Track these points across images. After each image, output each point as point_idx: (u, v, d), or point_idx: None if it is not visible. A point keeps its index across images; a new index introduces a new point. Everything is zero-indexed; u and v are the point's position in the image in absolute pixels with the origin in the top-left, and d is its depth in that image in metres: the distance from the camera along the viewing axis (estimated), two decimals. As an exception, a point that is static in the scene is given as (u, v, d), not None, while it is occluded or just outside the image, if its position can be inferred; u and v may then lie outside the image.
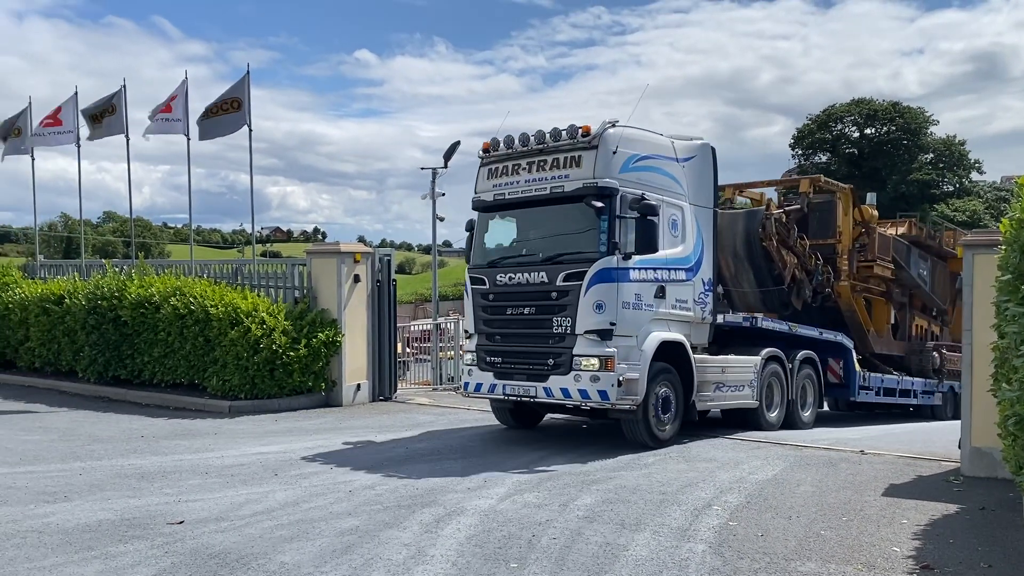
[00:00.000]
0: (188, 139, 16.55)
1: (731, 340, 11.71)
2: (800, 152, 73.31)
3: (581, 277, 9.39)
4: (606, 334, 9.36)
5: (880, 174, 67.61)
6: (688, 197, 10.58)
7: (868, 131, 71.54)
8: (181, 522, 6.71)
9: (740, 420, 11.56)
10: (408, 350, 20.17)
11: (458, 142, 32.72)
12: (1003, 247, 6.93)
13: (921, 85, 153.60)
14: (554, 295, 9.62)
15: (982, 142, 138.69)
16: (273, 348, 12.96)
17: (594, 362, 9.32)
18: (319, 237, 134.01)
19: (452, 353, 19.65)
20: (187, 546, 6.06)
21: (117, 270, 15.71)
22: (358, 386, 14.25)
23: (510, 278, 10.03)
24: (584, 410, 10.26)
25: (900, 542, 6.15)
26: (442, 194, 33.20)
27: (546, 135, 9.84)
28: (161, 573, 5.50)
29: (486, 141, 10.48)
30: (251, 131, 15.83)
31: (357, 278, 14.20)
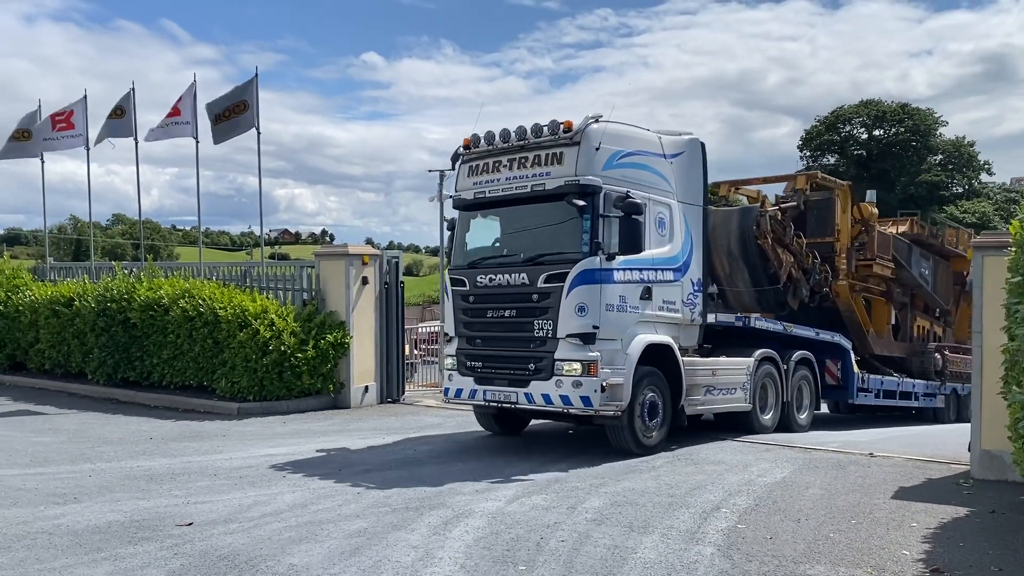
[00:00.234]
0: (197, 142, 16.60)
1: (724, 341, 11.44)
2: (808, 154, 73.13)
3: (563, 278, 9.11)
4: (589, 338, 9.05)
5: (889, 176, 67.40)
6: (676, 195, 10.29)
7: (877, 133, 71.29)
8: (190, 524, 6.74)
9: (733, 423, 11.30)
10: (416, 352, 20.17)
11: None
12: (1013, 249, 6.91)
13: (930, 86, 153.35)
14: (535, 297, 9.34)
15: (991, 143, 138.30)
16: (282, 350, 12.99)
17: (576, 367, 9.03)
18: (327, 239, 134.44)
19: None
20: (196, 548, 6.08)
21: (126, 272, 15.77)
22: (366, 388, 14.27)
23: (491, 279, 9.75)
24: (568, 416, 9.94)
25: (910, 545, 6.12)
26: (449, 196, 33.24)
27: (527, 131, 9.55)
28: (170, 575, 5.52)
29: (466, 137, 10.16)
30: (259, 134, 15.87)
31: (365, 280, 14.22)
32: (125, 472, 8.91)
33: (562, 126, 9.30)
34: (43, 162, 19.71)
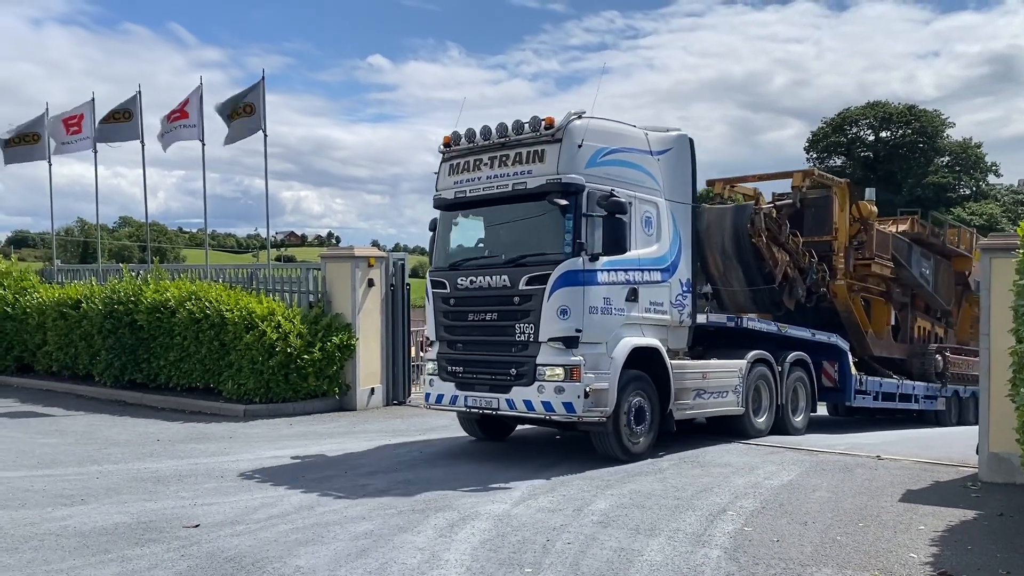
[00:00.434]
0: (203, 145, 16.67)
1: (716, 342, 11.18)
2: (815, 156, 73.02)
3: (544, 280, 8.82)
4: (571, 341, 8.78)
5: (896, 177, 67.28)
6: (664, 192, 10.03)
7: (883, 134, 71.17)
8: (197, 525, 6.75)
9: (725, 427, 11.00)
10: (422, 354, 20.10)
11: None
12: (1021, 251, 6.90)
13: (937, 88, 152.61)
14: (517, 300, 9.05)
15: (999, 145, 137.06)
16: (288, 352, 13.01)
17: (559, 372, 8.75)
18: (333, 241, 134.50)
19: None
20: (203, 549, 6.10)
21: (133, 275, 15.83)
22: (372, 390, 14.28)
23: (471, 281, 9.47)
24: (551, 423, 9.67)
25: (917, 548, 6.10)
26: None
27: (508, 128, 9.28)
28: (177, 576, 5.53)
29: (447, 135, 9.89)
30: (266, 136, 15.95)
31: (371, 282, 14.24)
32: (132, 474, 8.93)
33: (543, 123, 9.03)
34: (51, 165, 19.83)
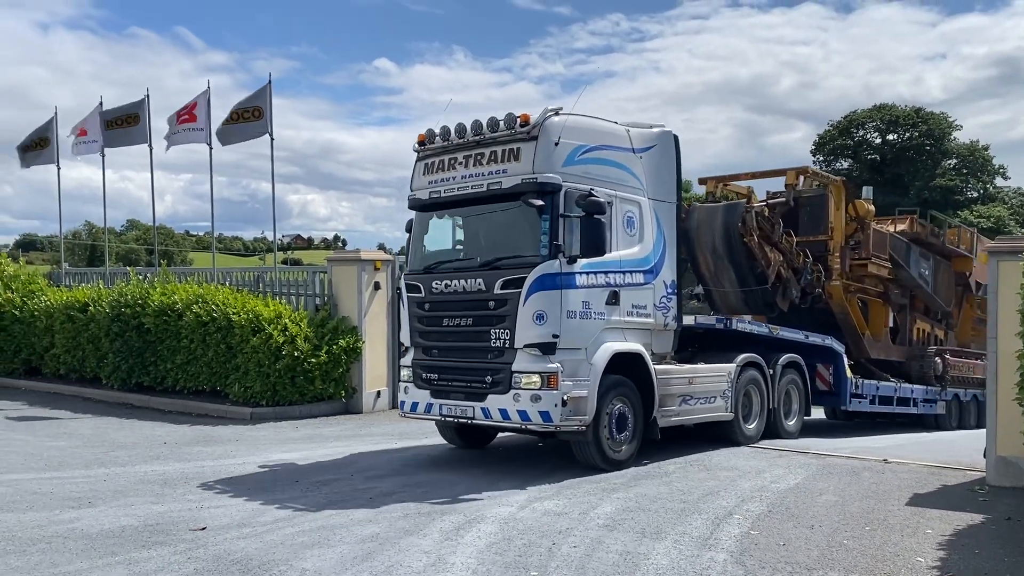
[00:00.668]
0: (211, 148, 16.72)
1: (706, 345, 10.93)
2: (822, 159, 72.82)
3: (520, 284, 8.49)
4: (548, 348, 8.45)
5: (903, 180, 67.01)
6: (647, 191, 9.70)
7: (890, 137, 70.90)
8: (203, 528, 6.77)
9: (715, 433, 10.68)
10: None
11: None
12: (1028, 254, 6.87)
13: (944, 90, 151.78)
14: (492, 304, 8.72)
15: (1006, 147, 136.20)
16: (294, 355, 13.03)
17: (535, 379, 8.41)
18: (339, 244, 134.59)
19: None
20: (209, 552, 6.11)
21: (140, 278, 15.88)
22: (378, 393, 14.29)
23: (446, 285, 9.13)
24: (529, 432, 9.28)
25: (924, 552, 6.08)
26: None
27: (483, 125, 8.96)
28: (184, 579, 5.55)
29: (421, 133, 9.59)
30: (272, 140, 15.99)
31: (377, 285, 14.26)
32: (139, 476, 8.96)
33: (519, 120, 8.72)
34: (59, 168, 19.94)
